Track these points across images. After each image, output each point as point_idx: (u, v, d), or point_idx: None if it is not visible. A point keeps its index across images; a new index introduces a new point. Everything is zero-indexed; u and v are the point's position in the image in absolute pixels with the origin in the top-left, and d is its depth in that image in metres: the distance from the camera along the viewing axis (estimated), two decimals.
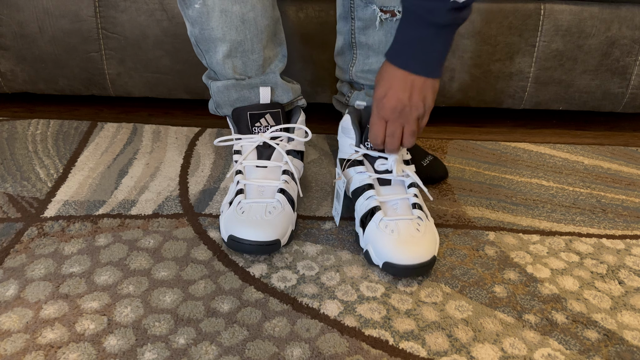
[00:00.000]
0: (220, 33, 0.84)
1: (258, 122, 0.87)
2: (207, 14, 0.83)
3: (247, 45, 0.85)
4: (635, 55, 1.13)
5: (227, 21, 0.83)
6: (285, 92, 0.91)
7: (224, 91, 0.88)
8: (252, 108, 0.87)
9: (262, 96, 0.87)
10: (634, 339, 0.70)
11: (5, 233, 0.83)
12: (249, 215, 0.80)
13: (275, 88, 0.89)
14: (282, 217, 0.81)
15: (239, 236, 0.78)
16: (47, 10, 1.09)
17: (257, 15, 0.84)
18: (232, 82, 0.88)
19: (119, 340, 0.67)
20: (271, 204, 0.82)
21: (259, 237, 0.78)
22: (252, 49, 0.85)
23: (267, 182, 0.84)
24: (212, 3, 0.82)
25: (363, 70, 0.96)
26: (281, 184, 0.84)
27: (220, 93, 0.89)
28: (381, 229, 0.79)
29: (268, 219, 0.80)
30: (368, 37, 0.92)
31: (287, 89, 0.91)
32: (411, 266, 0.76)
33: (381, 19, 0.89)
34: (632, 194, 1.00)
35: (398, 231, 0.78)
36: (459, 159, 1.09)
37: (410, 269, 0.76)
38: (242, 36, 0.84)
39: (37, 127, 1.13)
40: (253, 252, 0.79)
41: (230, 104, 0.90)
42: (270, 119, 0.87)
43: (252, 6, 0.84)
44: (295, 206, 0.85)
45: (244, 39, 0.85)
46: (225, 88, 0.88)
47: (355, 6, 0.91)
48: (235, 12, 0.83)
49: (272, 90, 0.88)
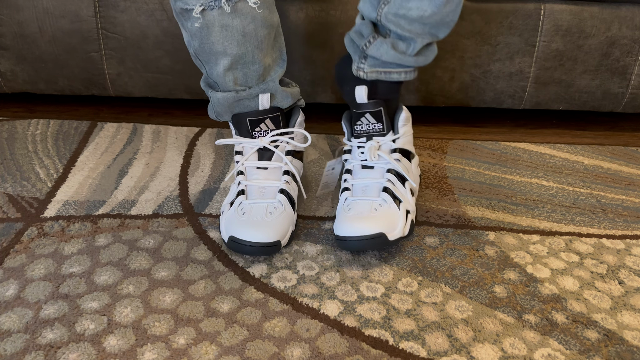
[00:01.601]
0: (221, 47, 0.81)
1: (258, 127, 0.87)
2: (207, 29, 0.80)
3: (248, 57, 0.83)
4: (635, 55, 1.13)
5: (227, 36, 0.81)
6: (285, 98, 0.89)
7: (224, 102, 0.87)
8: (251, 114, 0.86)
9: (262, 103, 0.86)
10: (634, 339, 0.70)
11: (5, 233, 0.83)
12: (250, 216, 0.80)
13: (275, 94, 0.88)
14: (282, 217, 0.81)
15: (240, 237, 0.78)
16: (47, 10, 1.09)
17: (257, 26, 0.82)
18: (232, 95, 0.86)
19: (119, 340, 0.67)
20: (272, 204, 0.82)
21: (260, 239, 0.78)
22: (252, 60, 0.84)
23: (268, 183, 0.85)
24: (212, 18, 0.80)
25: (397, 14, 0.80)
26: (282, 184, 0.85)
27: (221, 104, 0.88)
28: (344, 208, 0.83)
29: (269, 220, 0.80)
30: None
31: (287, 95, 0.89)
32: (354, 238, 0.79)
33: None
34: (632, 194, 1.00)
35: (355, 209, 0.82)
36: (459, 159, 1.09)
37: (353, 241, 0.79)
38: (244, 49, 0.82)
39: (37, 127, 1.13)
40: (253, 253, 0.79)
41: (230, 111, 0.89)
42: (270, 123, 0.87)
43: (252, 18, 0.81)
44: (296, 206, 0.86)
45: (245, 52, 0.82)
46: (225, 99, 0.87)
47: None
48: (236, 26, 0.80)
49: (271, 96, 0.87)
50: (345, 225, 0.80)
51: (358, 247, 0.80)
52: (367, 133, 0.87)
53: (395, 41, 0.83)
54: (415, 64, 0.86)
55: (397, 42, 0.83)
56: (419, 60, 0.86)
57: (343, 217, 0.81)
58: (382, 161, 0.86)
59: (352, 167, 0.88)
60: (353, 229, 0.79)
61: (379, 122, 0.87)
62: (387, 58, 0.84)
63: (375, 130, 0.87)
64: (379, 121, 0.87)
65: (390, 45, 0.83)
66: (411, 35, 0.82)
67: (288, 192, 0.85)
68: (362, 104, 0.86)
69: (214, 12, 0.79)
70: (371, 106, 0.86)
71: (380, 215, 0.81)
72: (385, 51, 0.83)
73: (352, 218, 0.80)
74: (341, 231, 0.80)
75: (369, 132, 0.87)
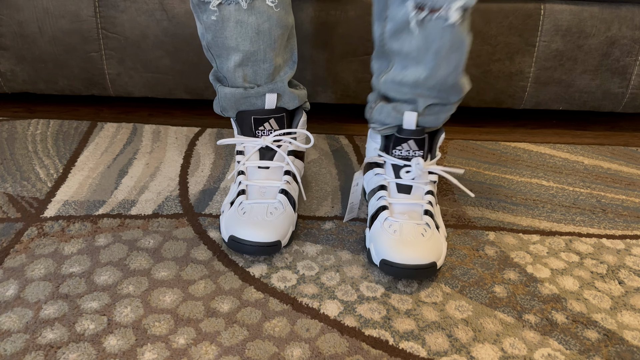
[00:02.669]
0: (234, 43, 0.81)
1: (262, 126, 0.87)
2: (222, 23, 0.81)
3: (259, 55, 0.83)
4: (635, 55, 1.13)
5: (241, 32, 0.81)
6: (292, 100, 0.89)
7: (231, 98, 0.87)
8: (256, 113, 0.86)
9: (268, 103, 0.86)
10: (634, 339, 0.70)
11: (5, 233, 0.83)
12: (250, 215, 0.80)
13: (282, 95, 0.88)
14: (283, 218, 0.81)
15: (240, 237, 0.78)
16: (47, 10, 1.09)
17: (272, 25, 0.82)
18: (240, 91, 0.86)
19: (119, 340, 0.67)
20: (273, 204, 0.82)
21: (260, 238, 0.78)
22: (264, 59, 0.83)
23: (269, 183, 0.85)
24: (228, 13, 0.80)
25: (394, 80, 0.83)
26: (283, 184, 0.84)
27: (228, 99, 0.88)
28: (385, 228, 0.79)
29: (269, 220, 0.80)
30: (403, 42, 0.78)
31: (294, 96, 0.89)
32: (407, 266, 0.75)
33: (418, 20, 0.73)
34: (632, 194, 1.00)
35: (400, 232, 0.78)
36: (459, 159, 1.09)
37: (407, 269, 0.75)
38: (256, 47, 0.82)
39: (37, 127, 1.13)
40: (254, 253, 0.79)
41: (236, 107, 0.89)
42: (274, 123, 0.87)
43: (268, 17, 0.81)
44: (297, 207, 0.86)
45: (257, 50, 0.82)
46: (232, 95, 0.87)
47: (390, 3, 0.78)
48: (251, 23, 0.80)
49: (278, 97, 0.87)
50: (394, 251, 0.75)
51: (410, 275, 0.76)
52: (405, 158, 0.85)
53: (398, 105, 0.84)
54: (422, 124, 0.84)
55: (399, 105, 0.84)
56: (427, 120, 0.84)
57: (390, 241, 0.77)
58: (421, 181, 0.84)
59: (387, 183, 0.84)
60: (404, 255, 0.75)
61: (420, 149, 0.84)
62: (390, 121, 0.85)
63: (415, 157, 0.85)
64: (421, 148, 0.84)
65: (392, 107, 0.85)
66: (413, 97, 0.81)
67: (289, 193, 0.84)
68: (409, 130, 0.84)
69: (230, 7, 0.79)
70: (418, 133, 0.83)
71: (430, 242, 0.77)
72: (387, 114, 0.85)
73: (402, 243, 0.76)
74: (391, 256, 0.75)
75: (408, 158, 0.85)
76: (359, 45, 1.11)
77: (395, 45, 0.80)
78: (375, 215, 0.82)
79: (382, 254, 0.76)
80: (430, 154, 0.87)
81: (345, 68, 1.14)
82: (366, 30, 1.10)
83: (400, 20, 0.76)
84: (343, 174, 1.02)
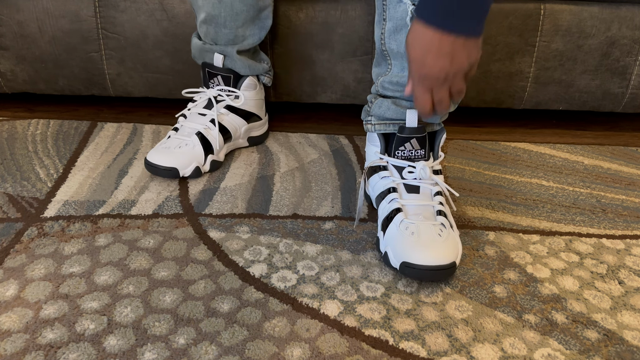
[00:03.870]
0: (201, 3, 0.96)
1: (212, 80, 1.03)
2: None
3: (220, 20, 0.96)
4: (635, 55, 1.13)
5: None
6: (242, 67, 1.02)
7: (196, 47, 1.03)
8: (209, 67, 1.02)
9: (216, 60, 1.01)
10: (634, 339, 0.70)
11: (5, 233, 0.83)
12: (167, 144, 0.97)
13: (229, 59, 1.01)
14: (187, 150, 0.96)
15: (152, 162, 0.95)
16: (47, 10, 1.09)
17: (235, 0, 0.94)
18: (201, 44, 1.01)
19: (119, 340, 0.67)
20: (184, 141, 0.97)
21: (166, 163, 0.95)
22: (224, 24, 0.97)
23: (192, 125, 0.99)
24: None
25: (392, 81, 0.86)
26: (201, 127, 0.99)
27: (194, 48, 1.03)
28: (401, 230, 0.78)
29: (180, 150, 0.96)
30: (401, 42, 0.80)
31: (245, 65, 1.02)
32: (430, 267, 0.74)
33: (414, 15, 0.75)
34: (632, 194, 1.00)
35: (418, 233, 0.77)
36: (459, 159, 1.09)
37: (429, 270, 0.74)
38: (217, 12, 0.95)
39: (37, 127, 1.13)
40: (162, 175, 0.96)
41: (201, 58, 1.03)
42: (221, 80, 1.02)
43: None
44: (215, 151, 0.99)
45: (218, 15, 0.96)
46: (196, 45, 1.03)
47: (388, 3, 0.80)
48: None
49: (225, 58, 1.00)
50: (415, 253, 0.75)
51: (432, 277, 0.76)
52: (407, 159, 0.85)
53: (397, 100, 0.87)
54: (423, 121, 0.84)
55: (399, 101, 0.86)
56: None
57: (409, 243, 0.76)
58: (428, 182, 0.83)
59: (397, 185, 0.83)
60: (425, 257, 0.74)
61: (422, 148, 0.84)
62: (389, 114, 0.87)
63: (417, 157, 0.85)
64: (422, 147, 0.84)
65: (392, 102, 0.87)
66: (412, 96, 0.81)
67: (203, 135, 0.98)
68: (411, 128, 0.83)
69: None
70: (419, 131, 0.83)
71: (447, 242, 0.77)
72: (387, 107, 0.87)
73: (421, 245, 0.76)
74: (412, 259, 0.75)
75: (410, 158, 0.85)
76: (359, 45, 1.11)
77: (394, 45, 0.81)
78: (389, 217, 0.81)
79: (402, 257, 0.76)
80: (432, 153, 0.87)
81: (345, 68, 1.14)
82: (366, 30, 1.10)
83: (398, 18, 0.78)
84: (343, 174, 1.02)
